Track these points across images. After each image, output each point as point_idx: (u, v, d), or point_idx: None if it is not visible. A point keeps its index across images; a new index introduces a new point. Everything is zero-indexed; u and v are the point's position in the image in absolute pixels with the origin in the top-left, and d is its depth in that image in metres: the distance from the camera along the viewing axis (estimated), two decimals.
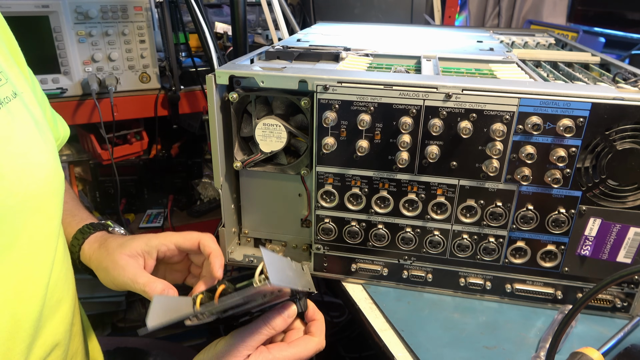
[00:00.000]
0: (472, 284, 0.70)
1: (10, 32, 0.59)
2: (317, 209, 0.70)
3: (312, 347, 0.55)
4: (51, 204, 0.55)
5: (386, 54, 0.83)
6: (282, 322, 0.55)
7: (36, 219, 0.51)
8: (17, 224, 0.48)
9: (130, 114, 1.30)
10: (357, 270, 0.73)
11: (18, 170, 0.48)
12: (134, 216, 1.54)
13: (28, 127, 0.52)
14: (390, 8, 1.67)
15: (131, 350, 0.86)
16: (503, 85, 0.59)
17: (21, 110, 0.52)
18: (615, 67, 0.75)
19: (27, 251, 0.50)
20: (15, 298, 0.49)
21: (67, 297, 0.60)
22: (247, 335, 0.52)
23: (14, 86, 0.53)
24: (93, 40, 1.20)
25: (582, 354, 0.53)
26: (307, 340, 0.56)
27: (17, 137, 0.50)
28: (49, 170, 0.54)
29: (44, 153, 0.54)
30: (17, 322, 0.49)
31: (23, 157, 0.50)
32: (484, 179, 0.63)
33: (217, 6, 1.54)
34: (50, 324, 0.56)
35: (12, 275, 0.48)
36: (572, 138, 0.58)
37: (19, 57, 0.60)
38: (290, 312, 0.55)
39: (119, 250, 0.63)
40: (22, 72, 0.59)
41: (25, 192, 0.49)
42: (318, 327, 0.58)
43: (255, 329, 0.53)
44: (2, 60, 0.54)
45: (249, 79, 0.65)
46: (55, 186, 0.56)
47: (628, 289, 0.66)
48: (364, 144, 0.63)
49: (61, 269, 0.60)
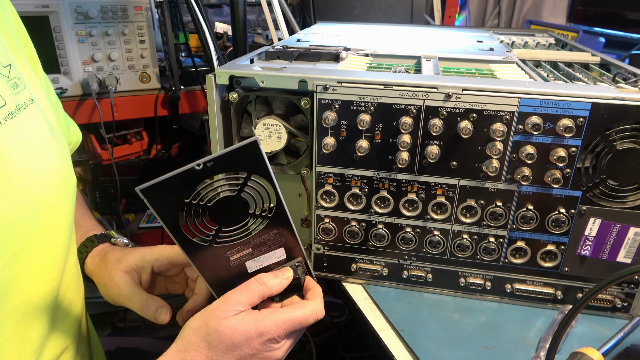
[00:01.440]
0: (472, 284, 0.70)
1: (29, 38, 0.60)
2: (317, 209, 0.70)
3: (309, 311, 0.52)
4: (64, 206, 0.55)
5: (386, 54, 0.83)
6: (276, 282, 0.53)
7: (50, 221, 0.52)
8: (31, 226, 0.49)
9: (130, 114, 1.31)
10: (357, 270, 0.73)
11: (33, 175, 0.49)
12: (134, 216, 1.54)
13: (44, 132, 0.53)
14: (390, 8, 1.67)
15: (131, 350, 0.86)
16: (503, 85, 0.59)
17: (37, 115, 0.53)
18: (615, 67, 0.75)
19: (40, 253, 0.51)
20: (26, 299, 0.49)
21: (77, 300, 0.60)
22: (238, 292, 0.51)
23: (31, 92, 0.54)
24: (93, 40, 1.20)
25: (582, 354, 0.53)
26: (303, 304, 0.53)
27: (33, 142, 0.50)
28: (63, 174, 0.55)
29: (58, 157, 0.54)
30: (29, 324, 0.50)
31: (39, 160, 0.50)
32: (484, 179, 0.63)
33: (217, 6, 1.54)
34: (62, 327, 0.56)
35: (25, 277, 0.49)
36: (572, 138, 0.58)
37: (36, 63, 0.61)
38: (285, 274, 0.54)
39: (115, 266, 0.63)
40: (39, 78, 0.60)
41: (40, 195, 0.50)
42: (313, 293, 0.55)
43: (247, 286, 0.52)
44: (20, 67, 0.55)
45: (249, 79, 0.65)
46: (69, 190, 0.57)
47: (628, 289, 0.66)
48: (364, 144, 0.63)
49: (74, 273, 0.60)
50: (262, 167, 0.47)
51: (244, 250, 0.52)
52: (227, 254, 0.52)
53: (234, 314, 0.50)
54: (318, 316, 0.53)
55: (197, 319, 0.50)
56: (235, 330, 0.49)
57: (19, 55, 0.56)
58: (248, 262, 0.53)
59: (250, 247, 0.52)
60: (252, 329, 0.49)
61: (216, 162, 0.45)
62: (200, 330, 0.49)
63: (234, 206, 0.49)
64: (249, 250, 0.52)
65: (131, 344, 0.88)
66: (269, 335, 0.50)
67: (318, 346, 1.44)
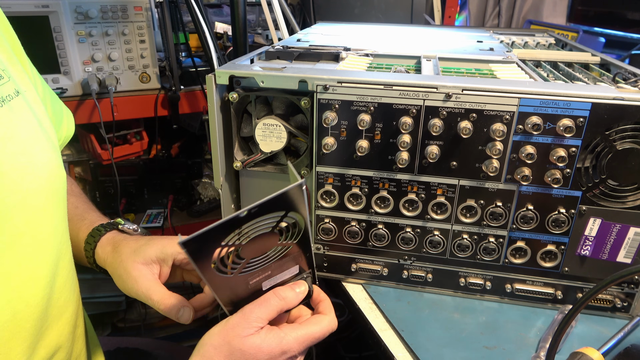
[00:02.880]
0: (472, 284, 0.70)
1: (13, 30, 0.59)
2: (317, 209, 0.70)
3: (325, 326, 0.53)
4: (53, 202, 0.54)
5: (386, 54, 0.83)
6: (293, 296, 0.53)
7: (37, 218, 0.51)
8: (18, 222, 0.48)
9: (130, 114, 1.30)
10: (357, 270, 0.73)
11: (19, 169, 0.48)
12: (134, 216, 1.54)
13: (30, 126, 0.52)
14: (390, 8, 1.67)
15: (131, 350, 0.86)
16: (503, 85, 0.59)
17: (23, 108, 0.52)
18: (615, 67, 0.75)
19: (29, 250, 0.50)
20: (16, 297, 0.49)
21: (72, 300, 0.60)
22: (257, 307, 0.51)
23: (17, 84, 0.53)
24: (93, 40, 1.20)
25: (582, 354, 0.53)
26: (319, 319, 0.54)
27: (19, 136, 0.49)
28: (51, 169, 0.54)
29: (46, 152, 0.53)
30: (19, 322, 0.49)
31: (24, 155, 0.49)
32: (484, 179, 0.63)
33: (217, 6, 1.54)
34: (56, 326, 0.55)
35: (14, 274, 0.48)
36: (572, 138, 0.58)
37: (21, 55, 0.60)
38: (301, 287, 0.54)
39: (132, 258, 0.61)
40: (25, 71, 0.59)
41: (26, 190, 0.49)
42: (326, 306, 0.56)
43: (267, 301, 0.51)
44: (4, 59, 0.54)
45: (249, 79, 0.65)
46: (57, 185, 0.56)
47: (628, 289, 0.66)
48: (364, 144, 0.63)
49: (69, 271, 0.59)
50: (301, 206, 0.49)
51: (264, 273, 0.52)
52: (248, 280, 0.52)
53: (255, 330, 0.49)
54: (333, 329, 0.54)
55: (217, 335, 0.49)
56: (260, 350, 0.49)
57: (3, 47, 0.55)
58: (265, 281, 0.53)
59: (270, 270, 0.53)
60: (276, 348, 0.49)
61: (261, 208, 0.46)
62: (222, 349, 0.48)
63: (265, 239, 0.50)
64: (268, 273, 0.53)
65: (131, 344, 0.88)
66: (291, 353, 0.50)
67: (318, 346, 1.44)
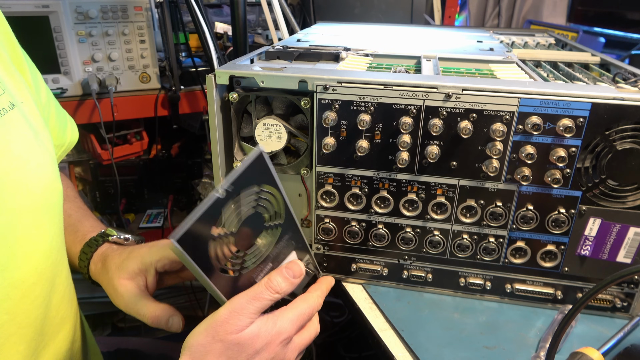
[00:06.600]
0: (472, 284, 0.70)
1: (14, 37, 0.57)
2: (317, 209, 0.70)
3: (313, 303, 0.52)
4: (47, 218, 0.53)
5: (386, 54, 0.83)
6: (285, 283, 0.50)
7: (32, 235, 0.49)
8: (12, 241, 0.46)
9: (130, 114, 1.31)
10: (357, 270, 0.73)
11: (13, 186, 0.47)
12: (134, 216, 1.54)
13: (26, 139, 0.50)
14: (390, 8, 1.67)
15: (131, 351, 0.86)
16: (503, 85, 0.59)
17: (19, 121, 0.50)
18: (615, 67, 0.75)
19: (25, 269, 0.48)
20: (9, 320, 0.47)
21: (70, 316, 0.59)
22: (246, 301, 0.48)
23: (13, 97, 0.51)
24: (93, 40, 1.20)
25: (582, 354, 0.53)
26: (305, 297, 0.53)
27: (14, 151, 0.48)
28: (47, 183, 0.52)
29: (42, 166, 0.52)
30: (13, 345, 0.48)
31: (19, 170, 0.48)
32: (484, 179, 0.63)
33: (217, 6, 1.54)
34: (53, 345, 0.55)
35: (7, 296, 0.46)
36: (572, 138, 0.58)
37: (21, 64, 0.58)
38: (294, 272, 0.51)
39: (117, 274, 0.61)
40: (25, 80, 0.57)
41: (20, 207, 0.47)
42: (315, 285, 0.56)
43: (256, 294, 0.48)
44: (1, 69, 0.52)
45: (249, 79, 0.65)
46: (53, 200, 0.54)
47: (628, 289, 0.66)
48: (364, 144, 0.63)
49: (66, 286, 0.58)
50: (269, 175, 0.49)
51: (265, 267, 0.52)
52: (253, 277, 0.52)
53: (247, 324, 0.48)
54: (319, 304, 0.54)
55: (204, 334, 0.46)
56: (258, 337, 0.48)
57: (0, 57, 0.53)
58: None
59: (270, 261, 0.53)
60: (272, 331, 0.49)
61: (235, 184, 0.47)
62: (215, 347, 0.46)
63: (252, 224, 0.50)
64: (269, 266, 0.53)
65: (131, 344, 0.88)
66: (286, 334, 0.50)
67: (318, 346, 1.44)
